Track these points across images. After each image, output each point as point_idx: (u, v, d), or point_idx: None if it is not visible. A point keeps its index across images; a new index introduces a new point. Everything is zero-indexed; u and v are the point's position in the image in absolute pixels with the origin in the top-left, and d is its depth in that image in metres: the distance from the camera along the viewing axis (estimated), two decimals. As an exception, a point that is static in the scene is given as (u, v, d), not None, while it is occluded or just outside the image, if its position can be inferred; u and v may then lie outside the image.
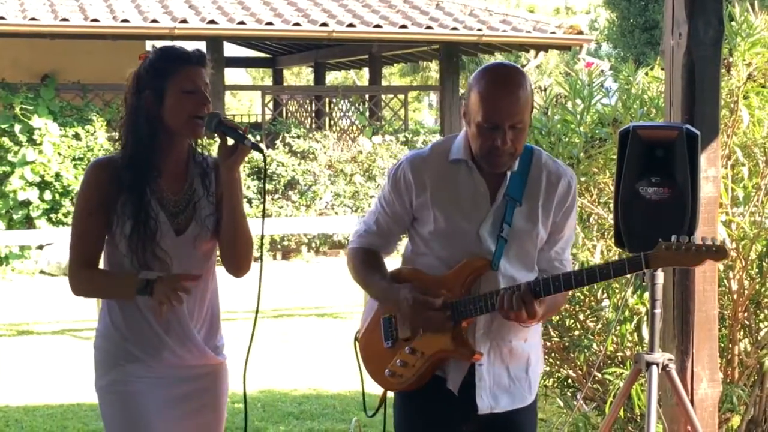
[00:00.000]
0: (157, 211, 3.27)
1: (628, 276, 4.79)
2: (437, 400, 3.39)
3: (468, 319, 3.30)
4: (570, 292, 3.97)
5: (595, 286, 5.03)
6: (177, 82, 3.24)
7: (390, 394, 3.56)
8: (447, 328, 3.29)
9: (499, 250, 3.30)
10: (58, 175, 14.25)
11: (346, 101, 18.09)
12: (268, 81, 29.07)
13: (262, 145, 3.34)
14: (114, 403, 3.36)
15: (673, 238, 3.17)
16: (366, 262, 3.51)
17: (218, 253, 3.44)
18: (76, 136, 14.53)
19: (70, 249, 3.35)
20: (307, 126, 17.78)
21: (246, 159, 3.37)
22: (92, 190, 3.30)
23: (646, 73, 5.44)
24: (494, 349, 3.36)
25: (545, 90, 5.53)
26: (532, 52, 17.82)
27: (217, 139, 3.29)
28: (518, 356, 3.42)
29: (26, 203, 14.21)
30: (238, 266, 3.39)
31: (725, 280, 4.87)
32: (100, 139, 14.46)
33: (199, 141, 3.43)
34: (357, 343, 3.61)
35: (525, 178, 3.35)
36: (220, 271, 3.47)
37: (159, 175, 3.30)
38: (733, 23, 4.88)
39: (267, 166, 3.70)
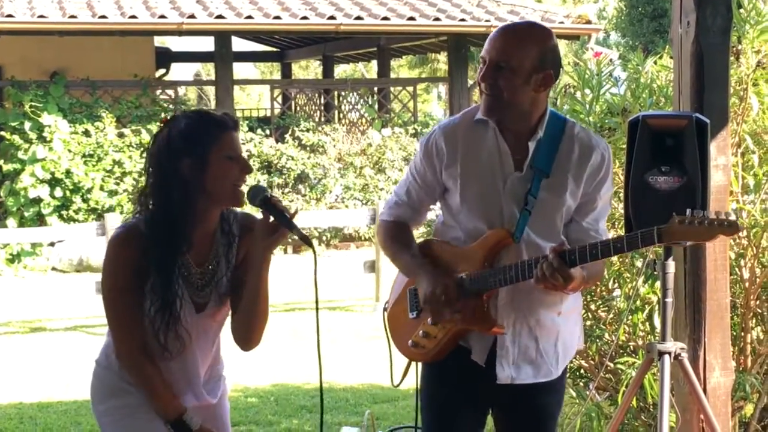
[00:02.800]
0: (182, 289, 3.16)
1: (639, 265, 4.81)
2: (460, 370, 3.41)
3: (488, 292, 3.30)
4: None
5: (607, 276, 5.04)
6: (219, 148, 3.10)
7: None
8: (467, 307, 3.29)
9: (522, 222, 3.29)
10: (68, 172, 14.28)
11: (355, 94, 18.09)
12: (277, 75, 29.09)
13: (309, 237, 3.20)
14: (117, 422, 3.25)
15: (688, 212, 3.14)
16: (395, 237, 3.54)
17: None
18: (86, 133, 14.56)
19: (114, 335, 3.19)
20: (316, 119, 17.79)
21: (255, 152, 3.30)
22: (121, 267, 3.14)
23: (655, 62, 5.42)
24: (520, 320, 3.35)
25: (554, 80, 5.49)
26: (541, 42, 17.72)
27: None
28: (548, 329, 3.40)
29: (37, 200, 14.24)
30: (248, 341, 3.27)
31: (737, 269, 4.86)
32: (109, 136, 14.49)
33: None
34: (385, 314, 3.64)
35: (555, 150, 3.33)
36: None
37: (189, 249, 3.16)
38: (741, 11, 4.85)
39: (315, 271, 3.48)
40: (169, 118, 3.25)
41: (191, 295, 3.19)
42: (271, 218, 3.15)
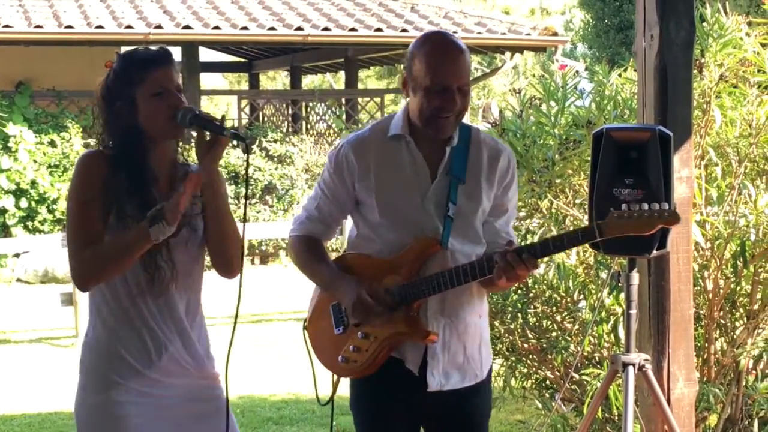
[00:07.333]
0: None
1: (604, 276, 4.84)
2: (392, 382, 3.40)
3: (419, 300, 3.31)
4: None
5: (572, 287, 5.06)
6: (144, 88, 3.17)
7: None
8: (397, 317, 3.30)
9: (447, 229, 3.32)
10: (33, 183, 14.18)
11: (323, 105, 18.08)
12: (245, 85, 29.00)
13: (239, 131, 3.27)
14: (101, 426, 3.19)
15: (624, 206, 3.18)
16: (309, 250, 3.52)
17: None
18: (52, 144, 14.47)
19: (70, 240, 3.17)
20: (284, 130, 17.74)
21: (222, 164, 3.30)
22: (87, 177, 3.18)
23: (620, 75, 5.46)
24: (449, 326, 3.37)
25: (519, 92, 5.53)
26: (508, 53, 17.83)
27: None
28: (473, 333, 3.43)
29: (2, 211, 14.13)
30: (228, 266, 3.30)
31: (700, 280, 4.90)
32: (75, 146, 14.40)
33: (183, 146, 3.36)
34: (306, 332, 3.62)
35: (466, 155, 3.37)
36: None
37: (156, 181, 3.21)
38: (704, 24, 4.91)
39: (247, 164, 3.60)
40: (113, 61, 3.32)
41: None
42: (206, 133, 3.17)
